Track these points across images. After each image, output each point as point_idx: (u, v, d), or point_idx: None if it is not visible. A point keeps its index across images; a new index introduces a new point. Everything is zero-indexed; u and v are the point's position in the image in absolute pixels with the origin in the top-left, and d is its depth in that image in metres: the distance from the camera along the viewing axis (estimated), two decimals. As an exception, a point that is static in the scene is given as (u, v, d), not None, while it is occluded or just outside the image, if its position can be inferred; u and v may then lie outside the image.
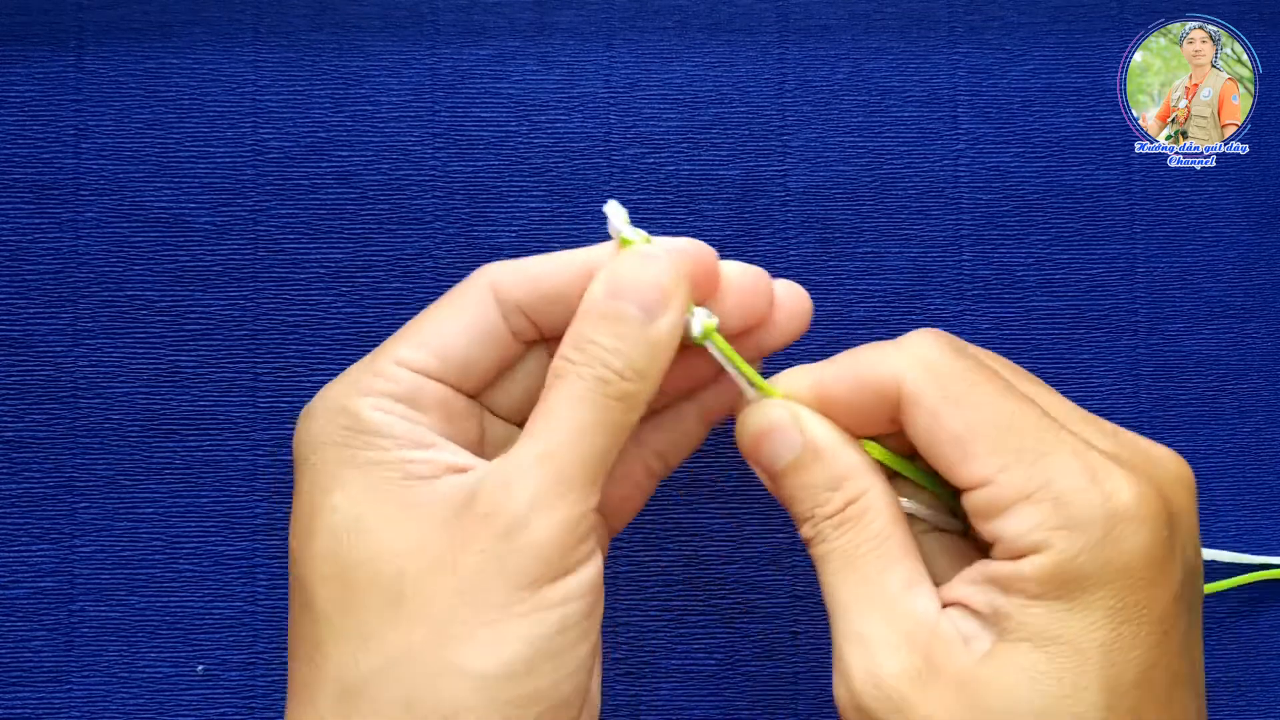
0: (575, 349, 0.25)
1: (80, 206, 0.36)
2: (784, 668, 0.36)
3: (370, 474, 0.25)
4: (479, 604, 0.23)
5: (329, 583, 0.24)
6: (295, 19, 0.37)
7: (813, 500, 0.26)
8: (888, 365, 0.26)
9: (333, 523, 0.25)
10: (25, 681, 0.35)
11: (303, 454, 0.26)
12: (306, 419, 0.26)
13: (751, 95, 0.37)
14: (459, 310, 0.27)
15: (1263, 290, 0.37)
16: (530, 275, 0.27)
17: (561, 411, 0.25)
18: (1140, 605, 0.23)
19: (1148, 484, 0.24)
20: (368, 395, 0.26)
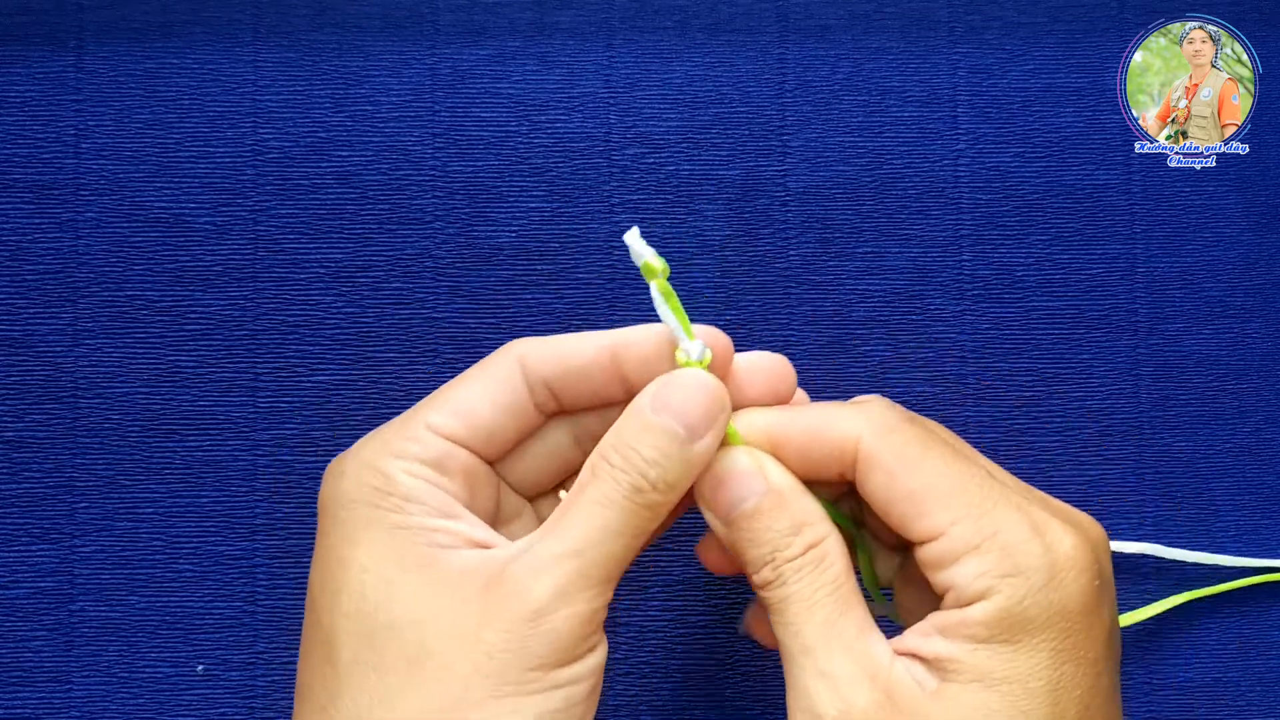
0: (617, 453, 0.27)
1: (80, 206, 0.36)
2: (784, 668, 0.36)
3: (397, 537, 0.26)
4: (496, 678, 0.25)
5: (355, 640, 0.26)
6: (295, 19, 0.37)
7: (773, 545, 0.27)
8: (845, 425, 0.27)
9: (361, 582, 0.26)
10: (25, 681, 0.35)
11: (330, 508, 0.27)
12: (337, 475, 0.27)
13: (751, 95, 0.37)
14: (488, 381, 0.28)
15: (1263, 290, 0.37)
16: (559, 353, 0.28)
17: (594, 511, 0.26)
18: (1078, 648, 0.26)
19: (1081, 537, 0.26)
20: (400, 458, 0.27)
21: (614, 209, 0.36)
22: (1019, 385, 0.37)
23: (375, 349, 0.36)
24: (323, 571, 0.27)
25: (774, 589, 0.27)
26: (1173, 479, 0.37)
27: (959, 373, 0.37)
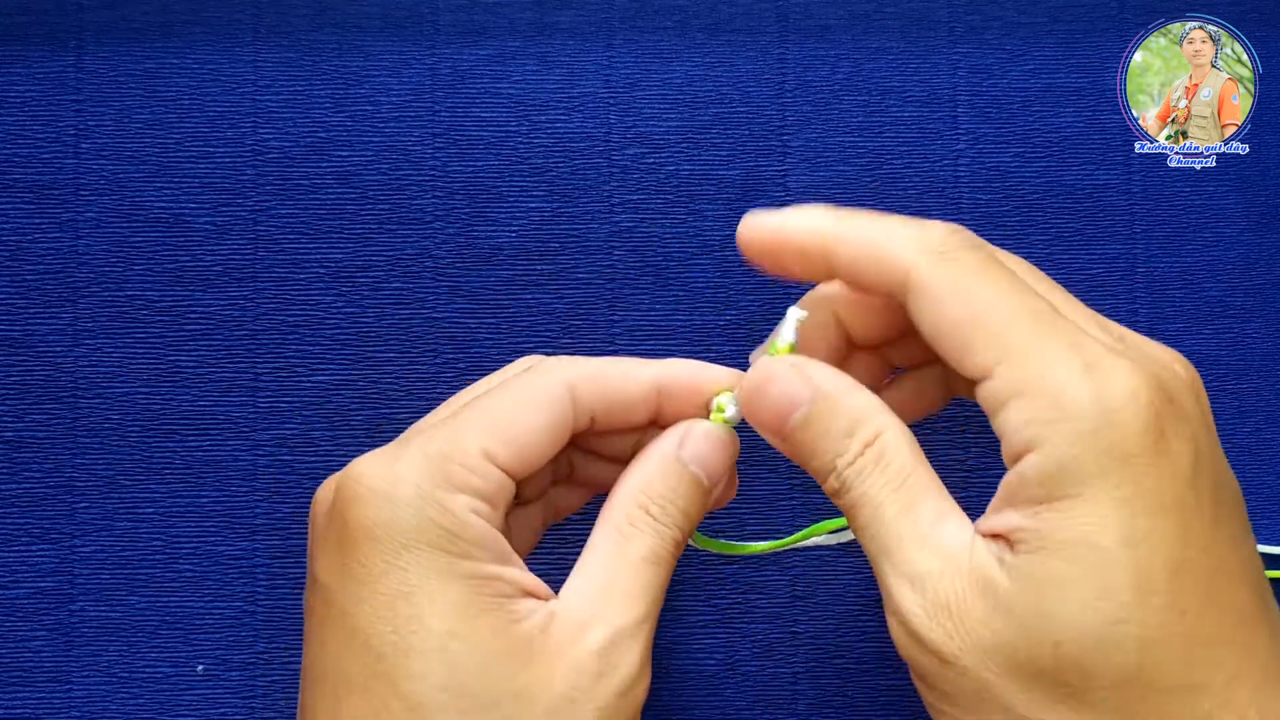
0: (656, 505, 0.27)
1: (80, 206, 0.36)
2: (784, 668, 0.36)
3: (472, 590, 0.25)
4: None
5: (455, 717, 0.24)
6: (295, 19, 0.37)
7: (831, 450, 0.26)
8: (901, 246, 0.26)
9: (453, 651, 0.25)
10: (25, 681, 0.35)
11: (387, 542, 0.25)
12: (391, 503, 0.25)
13: (751, 95, 0.37)
14: (541, 410, 0.27)
15: (1263, 290, 0.37)
16: (610, 387, 0.28)
17: (651, 572, 0.27)
18: (1150, 494, 0.22)
19: (1144, 375, 0.23)
20: (463, 492, 0.26)
21: (614, 209, 0.36)
22: (1019, 385, 0.37)
23: (375, 349, 0.36)
24: (391, 625, 0.25)
25: (842, 496, 0.26)
26: (1173, 479, 0.37)
27: (959, 373, 0.37)
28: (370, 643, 0.25)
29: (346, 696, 0.25)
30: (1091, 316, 0.26)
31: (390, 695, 0.24)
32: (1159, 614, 0.22)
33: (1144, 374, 0.23)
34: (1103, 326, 0.26)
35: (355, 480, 0.26)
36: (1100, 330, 0.25)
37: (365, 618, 0.25)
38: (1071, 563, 0.23)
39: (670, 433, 0.28)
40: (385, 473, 0.26)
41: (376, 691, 0.25)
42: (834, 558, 0.36)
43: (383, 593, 0.25)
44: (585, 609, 0.26)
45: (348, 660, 0.25)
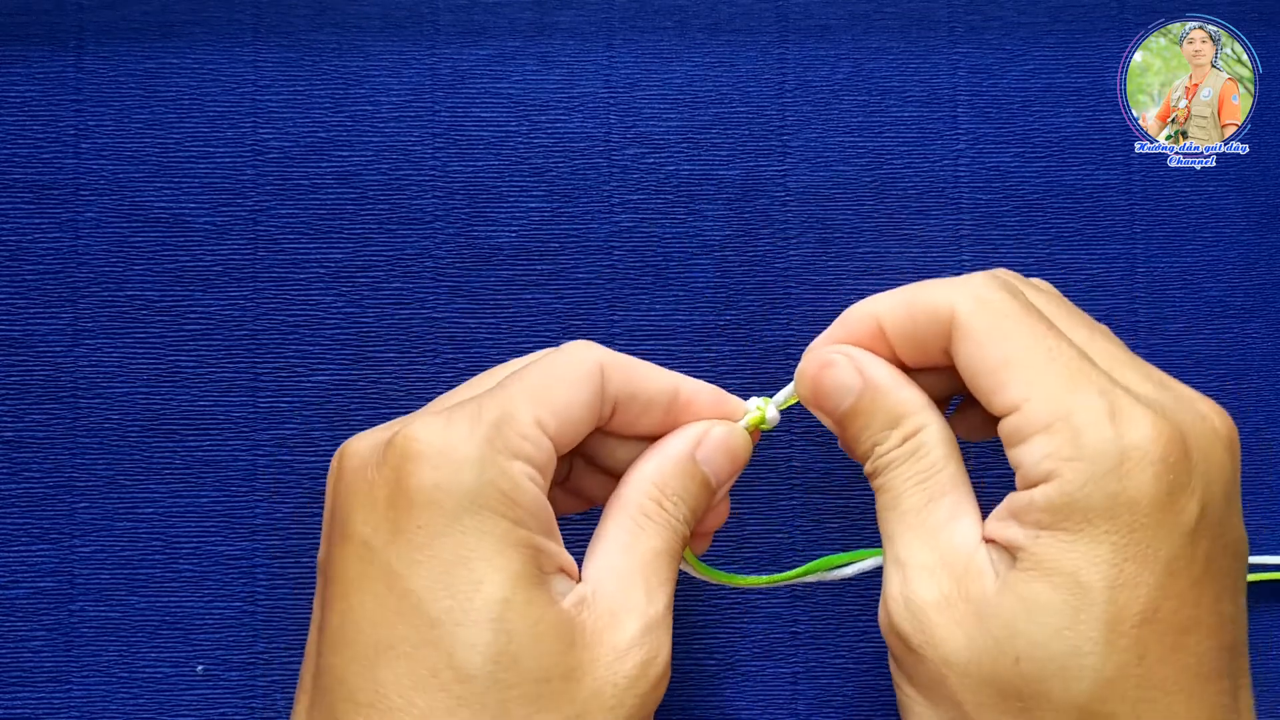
0: (670, 500, 0.28)
1: (80, 206, 0.36)
2: (784, 668, 0.36)
3: (526, 561, 0.25)
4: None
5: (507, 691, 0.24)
6: (295, 19, 0.37)
7: (873, 439, 0.28)
8: (945, 296, 0.27)
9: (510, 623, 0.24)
10: (25, 681, 0.35)
11: (445, 504, 0.25)
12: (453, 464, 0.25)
13: (751, 95, 0.37)
14: (581, 387, 0.27)
15: (1263, 290, 0.37)
16: (637, 375, 0.28)
17: (667, 564, 0.28)
18: (1145, 544, 0.24)
19: (1169, 426, 0.24)
20: (519, 458, 0.26)
21: (614, 209, 0.36)
22: (1019, 385, 0.37)
23: (375, 349, 0.36)
24: (447, 589, 0.24)
25: (874, 479, 0.28)
26: (1173, 479, 0.37)
27: (959, 373, 0.37)
28: (423, 607, 0.24)
29: (388, 662, 0.24)
30: (1131, 361, 0.27)
31: (441, 664, 0.24)
32: (1121, 654, 0.24)
33: (1167, 426, 0.24)
34: (1143, 373, 0.27)
35: (413, 439, 0.25)
36: (1140, 376, 0.26)
37: (419, 580, 0.24)
38: (1055, 590, 0.24)
39: (689, 429, 0.29)
40: (446, 434, 0.25)
41: (424, 659, 0.24)
42: (834, 558, 0.36)
43: (441, 556, 0.24)
44: (615, 596, 0.27)
45: (393, 624, 0.24)
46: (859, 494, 0.36)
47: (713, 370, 0.36)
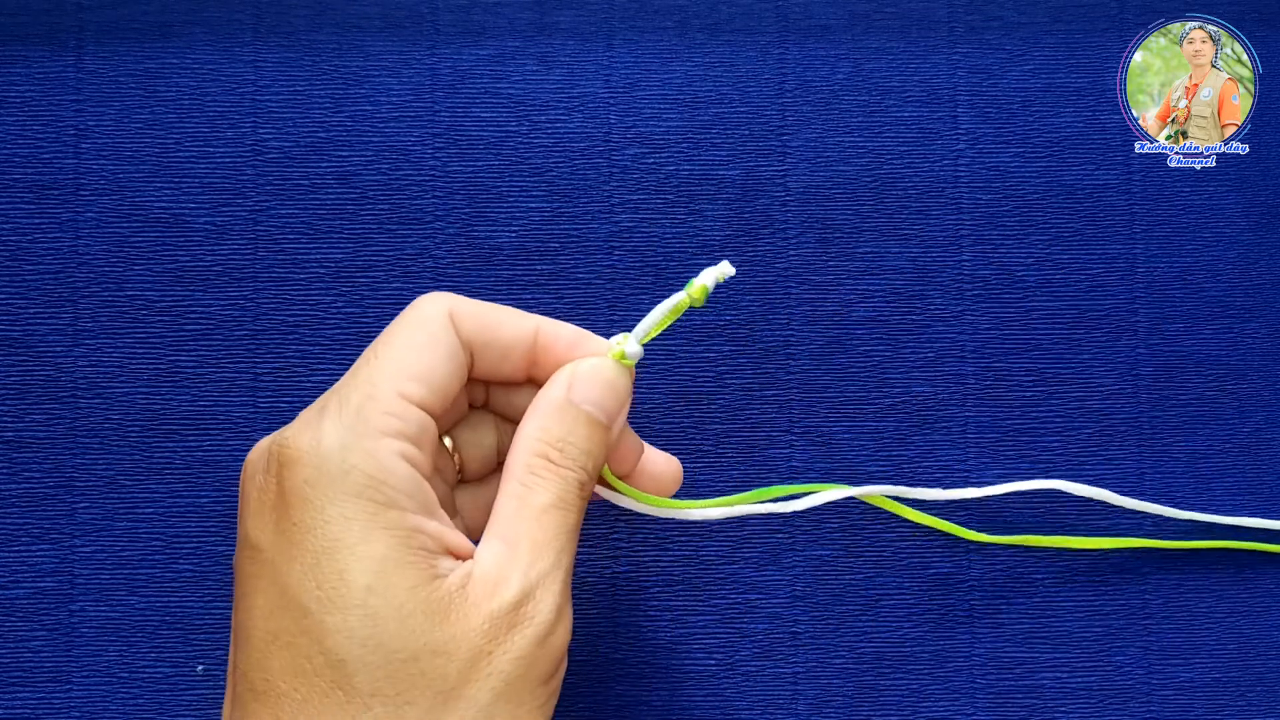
0: (556, 449, 0.28)
1: (80, 206, 0.36)
2: (784, 668, 0.36)
3: (396, 544, 0.26)
4: (515, 701, 0.26)
5: (373, 671, 0.25)
6: (295, 19, 0.37)
7: None
8: None
9: (373, 607, 0.25)
10: (25, 681, 0.35)
11: (313, 498, 0.26)
12: (317, 457, 0.26)
13: (751, 95, 0.37)
14: (434, 340, 0.27)
15: (1263, 290, 0.37)
16: (490, 319, 0.28)
17: (561, 518, 0.27)
18: None
19: None
20: (387, 436, 0.26)
21: (614, 209, 0.36)
22: (1019, 385, 0.37)
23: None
24: (316, 580, 0.25)
25: None
26: (1173, 479, 0.37)
27: (959, 373, 0.37)
28: (299, 600, 0.25)
29: (275, 652, 0.26)
30: None
31: (314, 650, 0.25)
32: None
33: None
34: None
35: (286, 444, 0.26)
36: None
37: (295, 575, 0.26)
38: None
39: (557, 376, 0.29)
40: (312, 431, 0.26)
41: (301, 647, 0.25)
42: (834, 558, 0.36)
43: (310, 549, 0.25)
44: (498, 565, 0.26)
45: (277, 617, 0.26)
46: (859, 494, 0.36)
47: (713, 370, 0.36)
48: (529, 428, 0.28)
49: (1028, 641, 0.36)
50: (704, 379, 0.36)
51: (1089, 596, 0.36)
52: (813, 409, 0.36)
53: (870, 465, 0.36)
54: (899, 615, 0.36)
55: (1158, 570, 0.37)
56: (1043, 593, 0.36)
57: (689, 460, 0.36)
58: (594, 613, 0.36)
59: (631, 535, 0.36)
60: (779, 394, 0.36)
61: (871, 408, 0.36)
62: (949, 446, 0.36)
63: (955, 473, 0.36)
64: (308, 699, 0.25)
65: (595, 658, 0.36)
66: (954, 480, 0.36)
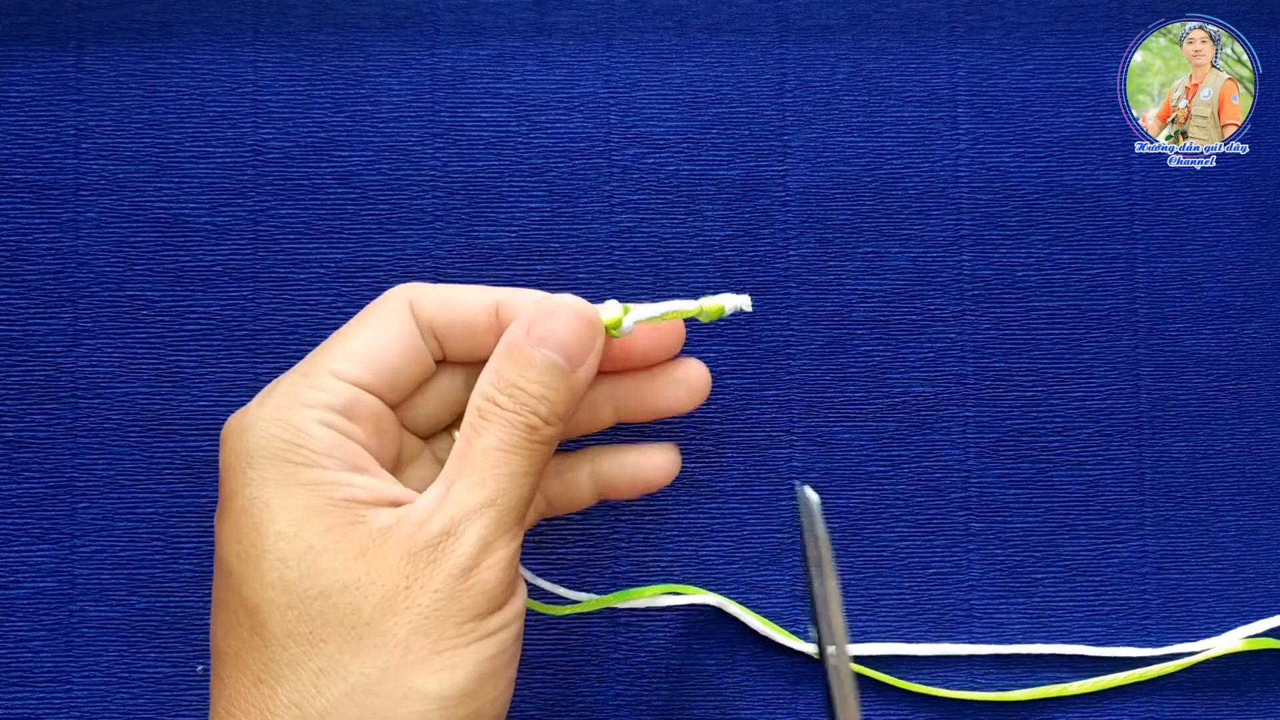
0: (502, 393, 0.27)
1: (80, 206, 0.36)
2: (784, 668, 0.36)
3: (313, 496, 0.26)
4: (435, 636, 0.26)
5: (285, 612, 0.26)
6: (295, 19, 0.37)
7: None
8: None
9: (282, 551, 0.26)
10: (25, 682, 0.35)
11: (236, 465, 0.27)
12: (240, 430, 0.27)
13: (751, 95, 0.37)
14: (383, 325, 0.29)
15: (1263, 290, 0.37)
16: (447, 300, 0.29)
17: (499, 458, 0.27)
18: None
19: None
20: (309, 407, 0.27)
21: (614, 209, 0.36)
22: (1019, 385, 0.37)
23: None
24: (236, 538, 0.26)
25: None
26: (1173, 479, 0.37)
27: (959, 373, 0.37)
28: (225, 560, 0.27)
29: (215, 616, 0.27)
30: None
31: (237, 604, 0.26)
32: None
33: None
34: None
35: (226, 426, 0.28)
36: None
37: (223, 539, 0.27)
38: None
39: (518, 320, 0.28)
40: (246, 411, 0.27)
41: (230, 605, 0.26)
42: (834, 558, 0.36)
43: (233, 512, 0.27)
44: (429, 507, 0.27)
45: (218, 583, 0.27)
46: (859, 493, 0.36)
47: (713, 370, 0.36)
48: (483, 374, 0.28)
49: (1028, 641, 0.36)
50: (704, 379, 0.36)
51: (1089, 597, 0.36)
52: (813, 409, 0.36)
53: (870, 465, 0.36)
54: (899, 615, 0.36)
55: (1157, 571, 0.37)
56: (1043, 593, 0.36)
57: (689, 460, 0.36)
58: (594, 612, 0.36)
59: (631, 535, 0.36)
60: (779, 394, 0.36)
61: (871, 408, 0.36)
62: (949, 446, 0.36)
63: (955, 472, 0.36)
64: (239, 652, 0.26)
65: (595, 658, 0.36)
66: (954, 479, 0.36)
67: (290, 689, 0.25)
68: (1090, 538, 0.36)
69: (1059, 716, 0.36)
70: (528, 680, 0.36)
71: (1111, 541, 0.36)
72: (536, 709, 0.35)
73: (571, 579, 0.36)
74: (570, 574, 0.36)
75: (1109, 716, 0.36)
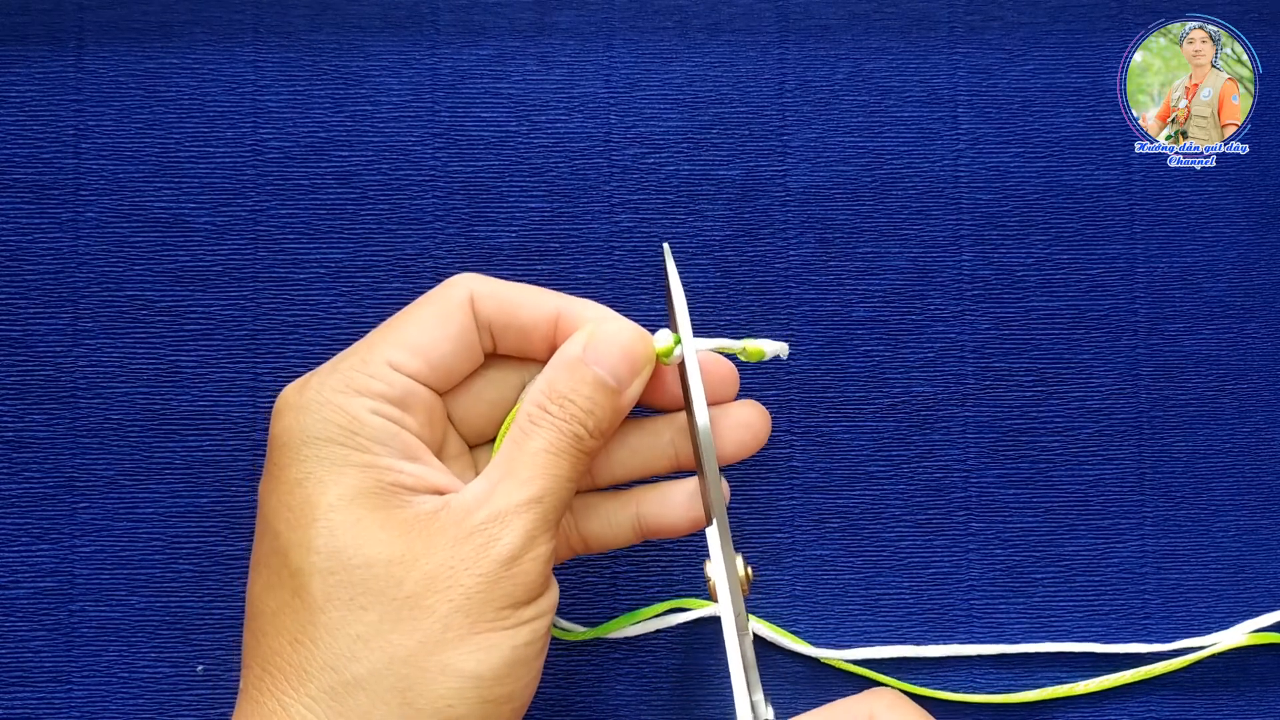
0: (554, 402, 0.29)
1: (80, 206, 0.36)
2: (783, 667, 0.36)
3: (366, 478, 0.27)
4: (474, 617, 0.27)
5: (327, 577, 0.26)
6: (295, 19, 0.37)
7: None
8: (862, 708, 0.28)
9: (332, 521, 0.27)
10: (25, 682, 0.35)
11: (291, 444, 0.28)
12: (298, 409, 0.28)
13: (751, 95, 0.37)
14: (443, 318, 0.29)
15: (1263, 290, 0.37)
16: (510, 300, 0.30)
17: (548, 460, 0.28)
18: None
19: None
20: (365, 395, 0.28)
21: (614, 209, 0.36)
22: (1019, 385, 0.37)
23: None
24: (287, 506, 0.27)
25: None
26: (1173, 479, 0.37)
27: (959, 373, 0.37)
28: (272, 525, 0.28)
29: (257, 575, 0.28)
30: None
31: (281, 566, 0.27)
32: None
33: None
34: None
35: (280, 399, 0.29)
36: None
37: (271, 505, 0.28)
38: None
39: (576, 335, 0.30)
40: (301, 389, 0.29)
41: (273, 565, 0.27)
42: (834, 558, 0.36)
43: (285, 482, 0.28)
44: (477, 496, 0.28)
45: (261, 545, 0.28)
46: (859, 494, 0.36)
47: (713, 370, 0.36)
48: (538, 381, 0.29)
49: (1028, 641, 0.36)
50: (704, 379, 0.36)
51: (1089, 596, 0.36)
52: (813, 409, 0.36)
53: (870, 465, 0.36)
54: (899, 615, 0.36)
55: (1157, 571, 0.37)
56: (1042, 593, 0.36)
57: (689, 460, 0.36)
58: (595, 612, 0.36)
59: (631, 535, 0.36)
60: (779, 394, 0.36)
61: (871, 408, 0.36)
62: (949, 446, 0.36)
63: (955, 472, 0.36)
64: (276, 611, 0.27)
65: (596, 658, 0.36)
66: (954, 479, 0.36)
67: (326, 650, 0.26)
68: (1090, 538, 0.36)
69: (1059, 716, 0.36)
70: (528, 680, 0.36)
71: (1111, 541, 0.36)
72: (537, 708, 0.35)
73: (572, 578, 0.36)
74: (571, 573, 0.36)
75: (1109, 716, 0.36)
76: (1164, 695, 0.36)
